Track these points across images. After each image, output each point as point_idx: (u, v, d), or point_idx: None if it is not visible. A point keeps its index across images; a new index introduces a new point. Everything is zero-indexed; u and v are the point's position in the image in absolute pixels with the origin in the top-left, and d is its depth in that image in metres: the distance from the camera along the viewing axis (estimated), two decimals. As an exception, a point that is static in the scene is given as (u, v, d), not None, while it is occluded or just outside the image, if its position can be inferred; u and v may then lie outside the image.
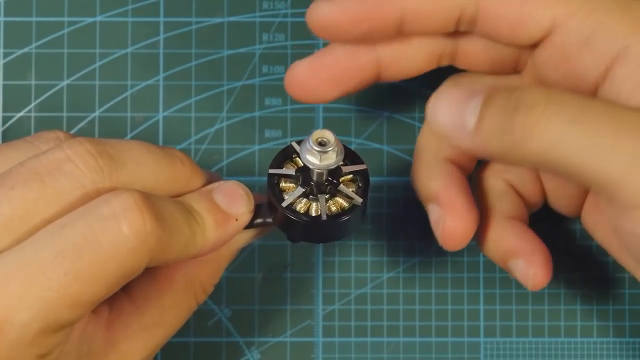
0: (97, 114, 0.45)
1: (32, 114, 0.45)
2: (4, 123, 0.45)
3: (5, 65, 0.45)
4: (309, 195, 0.36)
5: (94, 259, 0.31)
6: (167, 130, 0.45)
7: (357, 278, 0.45)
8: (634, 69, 0.33)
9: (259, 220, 0.37)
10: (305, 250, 0.45)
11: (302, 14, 0.45)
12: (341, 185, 0.36)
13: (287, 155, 0.37)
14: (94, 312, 0.36)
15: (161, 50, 0.46)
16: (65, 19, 0.46)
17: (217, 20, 0.46)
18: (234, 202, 0.36)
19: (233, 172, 0.45)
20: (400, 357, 0.45)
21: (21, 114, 0.45)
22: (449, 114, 0.34)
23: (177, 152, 0.36)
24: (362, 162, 0.36)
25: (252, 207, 0.36)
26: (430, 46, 0.38)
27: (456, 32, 0.37)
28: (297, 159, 0.37)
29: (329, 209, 0.36)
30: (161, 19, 0.46)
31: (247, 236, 0.38)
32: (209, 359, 0.45)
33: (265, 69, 0.46)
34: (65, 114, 0.45)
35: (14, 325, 0.31)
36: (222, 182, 0.37)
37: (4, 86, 0.45)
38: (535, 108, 0.32)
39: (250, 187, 0.37)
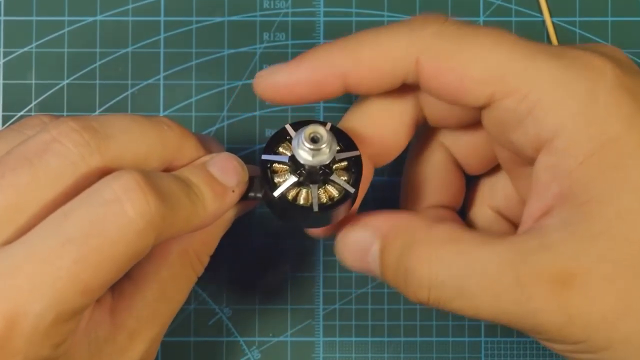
0: (97, 113, 0.45)
1: (33, 114, 0.45)
2: (4, 122, 0.45)
3: (5, 65, 0.45)
4: (300, 183, 0.35)
5: (102, 244, 0.31)
6: (167, 130, 0.45)
7: (358, 277, 0.45)
8: (556, 162, 0.33)
9: (251, 194, 0.37)
10: (306, 249, 0.45)
11: (303, 14, 0.45)
12: (334, 174, 0.35)
13: (280, 138, 0.36)
14: (97, 301, 0.36)
15: (162, 50, 0.46)
16: (66, 18, 0.46)
17: (218, 19, 0.46)
18: (230, 174, 0.36)
19: (233, 171, 0.45)
20: (401, 356, 0.45)
21: (21, 113, 0.45)
22: (356, 264, 0.37)
23: (163, 118, 0.36)
24: (355, 148, 0.36)
25: (246, 177, 0.37)
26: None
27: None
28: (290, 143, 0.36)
29: (320, 198, 0.35)
30: (161, 19, 0.46)
31: (239, 208, 0.39)
32: (210, 358, 0.45)
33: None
34: (65, 114, 0.45)
35: (28, 317, 0.31)
36: (215, 154, 0.37)
37: (4, 85, 0.45)
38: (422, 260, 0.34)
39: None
